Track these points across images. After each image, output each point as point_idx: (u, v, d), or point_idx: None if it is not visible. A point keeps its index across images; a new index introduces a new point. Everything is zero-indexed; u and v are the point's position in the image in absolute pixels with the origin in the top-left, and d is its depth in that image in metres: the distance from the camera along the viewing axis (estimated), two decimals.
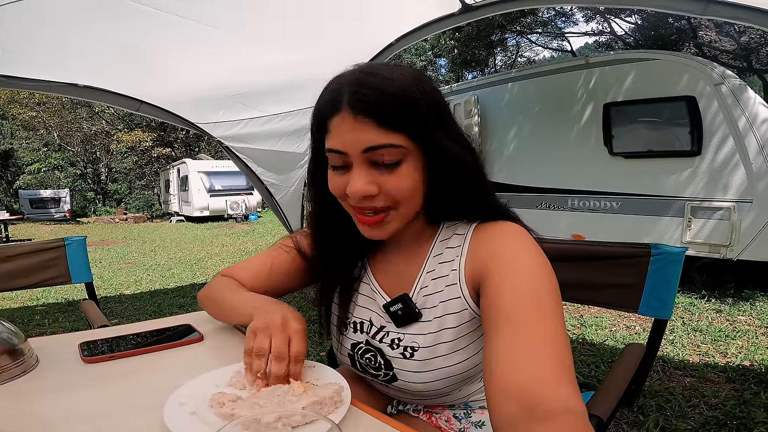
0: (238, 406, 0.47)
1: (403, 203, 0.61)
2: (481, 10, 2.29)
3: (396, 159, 0.58)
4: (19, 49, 2.20)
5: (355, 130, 0.57)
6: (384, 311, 0.70)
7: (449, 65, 17.29)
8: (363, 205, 0.61)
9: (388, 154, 0.58)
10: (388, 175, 0.59)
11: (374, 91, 0.57)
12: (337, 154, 0.59)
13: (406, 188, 0.59)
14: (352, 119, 0.57)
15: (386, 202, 0.60)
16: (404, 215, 0.63)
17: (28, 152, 21.56)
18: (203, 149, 19.52)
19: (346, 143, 0.58)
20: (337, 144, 0.59)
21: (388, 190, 0.59)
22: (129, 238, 10.11)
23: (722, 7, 1.47)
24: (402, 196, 0.60)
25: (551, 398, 0.44)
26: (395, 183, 0.59)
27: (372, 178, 0.59)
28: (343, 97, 0.57)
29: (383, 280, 0.73)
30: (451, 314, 0.65)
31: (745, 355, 2.45)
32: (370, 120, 0.56)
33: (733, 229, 3.29)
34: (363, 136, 0.57)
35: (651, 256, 1.01)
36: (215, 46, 2.43)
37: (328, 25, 2.44)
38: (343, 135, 0.58)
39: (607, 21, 12.90)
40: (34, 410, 0.55)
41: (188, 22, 2.10)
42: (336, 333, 0.77)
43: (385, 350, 0.70)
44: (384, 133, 0.57)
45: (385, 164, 0.58)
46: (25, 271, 1.67)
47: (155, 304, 4.02)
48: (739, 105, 3.25)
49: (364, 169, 0.58)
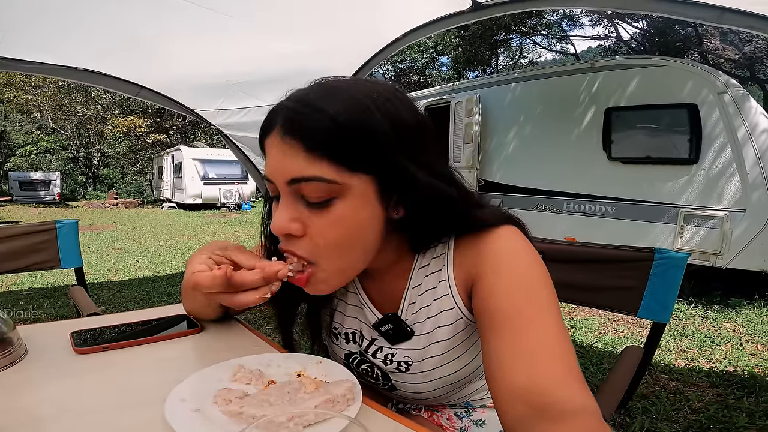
0: (246, 404, 0.44)
1: (330, 258, 0.51)
2: (491, 9, 2.26)
3: (323, 197, 0.48)
4: (21, 32, 2.15)
5: (283, 154, 0.49)
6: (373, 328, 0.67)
7: (452, 63, 17.27)
8: (286, 248, 0.51)
9: (314, 191, 0.48)
10: (317, 216, 0.49)
11: (308, 109, 0.48)
12: (268, 182, 0.52)
13: (335, 237, 0.49)
14: (280, 141, 0.49)
15: (311, 252, 0.50)
16: (338, 271, 0.53)
17: (20, 135, 21.19)
18: (199, 137, 19.35)
19: (273, 169, 0.50)
20: (267, 169, 0.51)
21: (313, 237, 0.50)
22: (119, 223, 9.98)
23: (737, 16, 1.46)
24: (326, 246, 0.50)
25: (564, 398, 0.43)
26: (321, 229, 0.49)
27: (298, 214, 0.50)
28: (279, 114, 0.50)
29: (371, 291, 0.68)
30: (443, 327, 0.61)
31: (729, 360, 2.49)
32: (297, 144, 0.47)
33: (725, 238, 3.33)
34: (288, 164, 0.48)
35: (654, 261, 1.02)
36: (220, 33, 2.39)
37: (335, 15, 2.40)
38: (272, 159, 0.50)
39: (614, 25, 12.94)
40: (23, 403, 0.52)
41: (194, 7, 2.06)
42: (327, 341, 0.74)
43: (379, 365, 0.68)
44: (312, 163, 0.47)
45: (312, 202, 0.49)
46: (13, 254, 1.62)
47: (144, 291, 3.97)
48: (741, 114, 3.27)
49: (290, 203, 0.50)
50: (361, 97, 0.49)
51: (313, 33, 2.53)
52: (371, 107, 0.49)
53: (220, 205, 13.81)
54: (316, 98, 0.48)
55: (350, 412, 0.44)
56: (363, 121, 0.47)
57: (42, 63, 2.44)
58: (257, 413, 0.42)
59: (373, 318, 0.66)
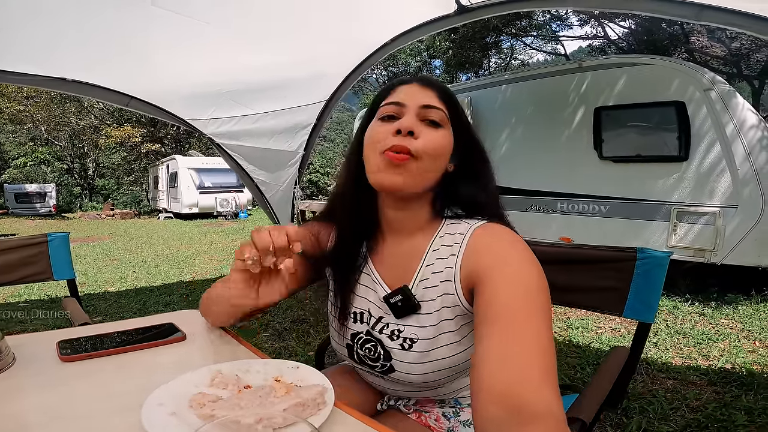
0: (218, 407, 0.45)
1: (427, 158, 0.67)
2: (476, 12, 2.29)
3: (440, 121, 0.69)
4: (8, 42, 2.16)
5: (421, 92, 0.70)
6: (383, 302, 0.72)
7: (443, 66, 17.35)
8: (399, 143, 0.66)
9: (437, 115, 0.69)
10: (429, 131, 0.68)
11: (433, 79, 0.76)
12: (394, 106, 0.70)
13: (438, 145, 0.68)
14: (420, 87, 0.71)
15: (417, 149, 0.66)
16: (422, 171, 0.68)
17: (14, 146, 21.15)
18: (194, 146, 19.32)
19: (409, 97, 0.70)
20: (399, 98, 0.70)
21: (426, 139, 0.67)
22: (115, 234, 9.95)
23: (716, 13, 1.49)
24: (432, 150, 0.67)
25: (534, 400, 0.45)
26: (432, 137, 0.68)
27: (417, 125, 0.68)
28: (413, 78, 0.73)
29: (383, 271, 0.74)
30: (448, 308, 0.67)
31: (726, 358, 2.48)
32: (434, 92, 0.71)
33: (718, 234, 3.35)
34: (425, 96, 0.70)
35: (636, 260, 1.02)
36: (208, 42, 2.41)
37: (325, 23, 2.43)
38: (408, 93, 0.70)
39: (601, 25, 13.04)
40: (10, 410, 0.53)
41: (181, 18, 2.08)
42: (337, 324, 0.78)
43: (384, 341, 0.72)
44: (440, 102, 0.70)
45: (430, 122, 0.69)
46: (5, 267, 1.62)
47: (140, 301, 3.96)
48: (728, 111, 3.30)
49: (414, 118, 0.68)
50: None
51: (302, 41, 2.55)
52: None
53: (216, 213, 13.77)
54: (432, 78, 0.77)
55: (321, 415, 0.46)
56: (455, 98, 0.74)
57: (31, 74, 2.44)
58: (229, 416, 0.43)
59: (384, 293, 0.73)
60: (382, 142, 0.67)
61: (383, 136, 0.68)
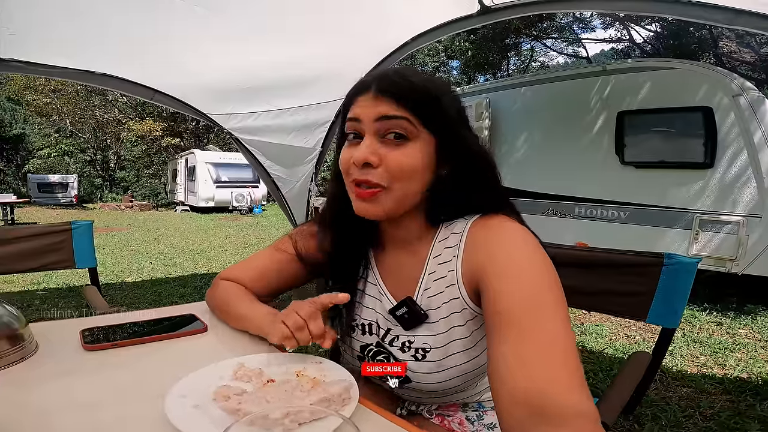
0: (244, 401, 0.45)
1: (398, 182, 0.61)
2: (499, 13, 2.26)
3: (406, 132, 0.61)
4: (44, 39, 2.23)
5: (375, 102, 0.62)
6: (389, 315, 0.70)
7: (461, 67, 17.23)
8: (361, 177, 0.61)
9: (398, 127, 0.61)
10: (393, 150, 0.61)
11: (398, 77, 0.63)
12: (352, 122, 0.64)
13: (406, 165, 0.61)
14: (374, 96, 0.62)
15: (382, 178, 0.61)
16: (398, 198, 0.63)
17: (39, 137, 21.70)
18: (212, 140, 19.57)
19: (363, 111, 0.62)
20: (355, 113, 0.63)
21: (388, 164, 0.61)
22: (133, 225, 10.14)
23: (753, 18, 1.44)
24: (400, 173, 0.61)
25: (564, 403, 0.44)
26: (395, 159, 0.61)
27: (376, 149, 0.61)
28: (371, 83, 0.63)
29: (389, 282, 0.72)
30: (457, 313, 0.65)
31: (743, 367, 2.44)
32: (390, 98, 0.61)
33: (740, 244, 3.26)
34: (380, 106, 0.61)
35: (663, 266, 1.00)
36: (232, 38, 2.43)
37: (345, 21, 2.43)
38: (363, 106, 0.63)
39: (626, 28, 12.78)
40: (32, 398, 0.54)
41: (208, 14, 2.11)
42: (342, 335, 0.76)
43: (395, 354, 0.70)
44: (400, 110, 0.61)
45: (394, 136, 0.61)
46: (29, 254, 1.66)
47: (156, 292, 4.03)
48: (756, 118, 3.20)
49: (372, 140, 0.62)
50: (435, 78, 0.66)
51: (323, 39, 2.55)
52: (443, 87, 0.65)
53: (231, 208, 13.95)
54: (403, 71, 0.64)
55: (346, 411, 0.45)
56: (437, 92, 0.63)
57: (62, 67, 2.51)
58: (255, 410, 0.43)
59: (389, 306, 0.70)
60: (347, 173, 0.64)
61: (346, 165, 0.64)
